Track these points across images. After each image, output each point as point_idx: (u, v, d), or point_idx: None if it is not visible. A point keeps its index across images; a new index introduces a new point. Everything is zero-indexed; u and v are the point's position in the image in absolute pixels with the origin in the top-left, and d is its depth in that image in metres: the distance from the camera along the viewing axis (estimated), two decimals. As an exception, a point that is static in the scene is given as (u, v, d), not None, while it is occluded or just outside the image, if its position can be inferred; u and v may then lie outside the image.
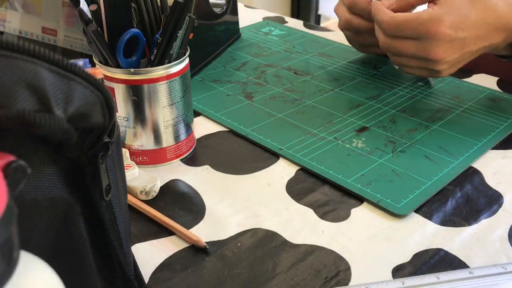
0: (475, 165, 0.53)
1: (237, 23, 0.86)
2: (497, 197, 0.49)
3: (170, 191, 0.51)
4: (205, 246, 0.43)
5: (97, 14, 0.49)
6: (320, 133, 0.59)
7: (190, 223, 0.46)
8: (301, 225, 0.46)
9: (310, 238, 0.44)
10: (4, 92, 0.20)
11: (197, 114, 0.64)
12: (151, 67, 0.50)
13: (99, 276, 0.30)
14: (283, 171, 0.53)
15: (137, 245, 0.44)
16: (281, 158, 0.56)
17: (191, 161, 0.56)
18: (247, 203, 0.49)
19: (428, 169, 0.52)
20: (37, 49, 0.22)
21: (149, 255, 0.43)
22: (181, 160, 0.56)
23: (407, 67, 0.63)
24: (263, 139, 0.58)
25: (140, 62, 0.52)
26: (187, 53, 0.53)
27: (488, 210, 0.47)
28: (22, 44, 0.21)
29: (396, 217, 0.47)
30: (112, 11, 0.48)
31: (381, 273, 0.41)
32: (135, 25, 0.52)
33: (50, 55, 0.22)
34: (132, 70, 0.49)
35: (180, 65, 0.52)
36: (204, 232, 0.45)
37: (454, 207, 0.48)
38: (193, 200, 0.49)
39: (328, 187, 0.51)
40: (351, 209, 0.48)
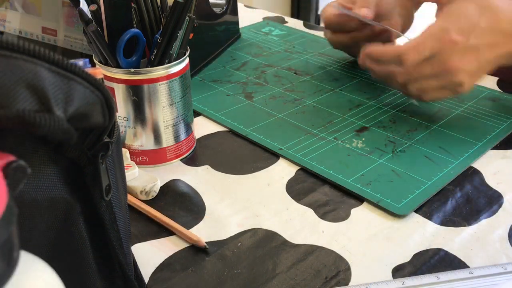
0: (475, 165, 0.53)
1: (237, 23, 0.86)
2: (497, 197, 0.49)
3: (170, 191, 0.51)
4: (205, 246, 0.43)
5: (97, 14, 0.49)
6: (320, 133, 0.59)
7: (190, 223, 0.46)
8: (301, 225, 0.46)
9: (310, 238, 0.44)
10: (4, 92, 0.20)
11: (197, 114, 0.64)
12: (151, 67, 0.50)
13: (99, 276, 0.30)
14: (283, 171, 0.53)
15: (137, 245, 0.44)
16: (281, 158, 0.56)
17: (191, 161, 0.56)
18: (247, 203, 0.49)
19: (428, 169, 0.52)
20: (37, 49, 0.22)
21: (149, 255, 0.43)
22: (181, 160, 0.56)
23: (430, 92, 0.59)
24: (263, 139, 0.58)
25: (140, 62, 0.52)
26: (187, 53, 0.53)
27: (488, 210, 0.47)
28: (22, 44, 0.21)
29: (396, 217, 0.47)
30: (112, 11, 0.48)
31: (381, 273, 0.41)
32: (135, 25, 0.52)
33: (50, 55, 0.22)
34: (132, 70, 0.50)
35: (180, 65, 0.52)
36: (204, 232, 0.45)
37: (454, 207, 0.48)
38: (193, 200, 0.49)
39: (328, 187, 0.51)
40: (351, 209, 0.48)
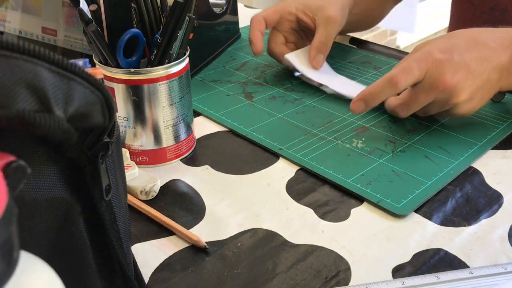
0: (475, 165, 0.53)
1: (237, 23, 0.86)
2: (497, 197, 0.49)
3: (170, 191, 0.51)
4: (205, 246, 0.43)
5: (97, 14, 0.49)
6: (320, 133, 0.59)
7: (190, 223, 0.46)
8: (301, 225, 0.46)
9: (310, 238, 0.44)
10: (4, 92, 0.20)
11: (197, 114, 0.64)
12: (151, 67, 0.50)
13: (99, 276, 0.30)
14: (283, 171, 0.53)
15: (137, 245, 0.44)
16: (281, 158, 0.56)
17: (191, 161, 0.56)
18: (247, 203, 0.49)
19: (428, 169, 0.52)
20: (37, 49, 0.22)
21: (149, 255, 0.43)
22: (181, 160, 0.56)
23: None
24: (263, 139, 0.58)
25: (140, 62, 0.52)
26: (187, 53, 0.53)
27: (488, 210, 0.47)
28: (22, 44, 0.21)
29: (396, 217, 0.47)
30: (112, 11, 0.48)
31: (381, 273, 0.41)
32: (135, 25, 0.52)
33: (50, 55, 0.22)
34: (132, 70, 0.50)
35: (180, 65, 0.52)
36: (204, 232, 0.45)
37: (454, 207, 0.48)
38: (193, 200, 0.49)
39: (328, 187, 0.51)
40: (351, 209, 0.48)
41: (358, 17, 0.80)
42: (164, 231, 0.46)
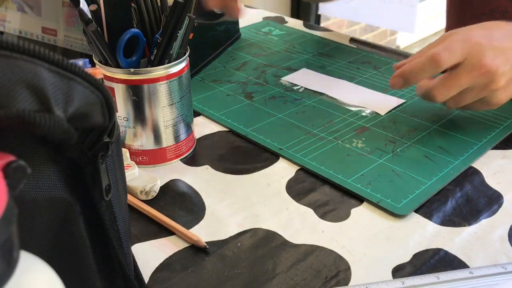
0: (475, 165, 0.53)
1: (237, 23, 0.86)
2: (497, 197, 0.49)
3: (170, 191, 0.51)
4: (205, 246, 0.43)
5: (97, 14, 0.49)
6: (320, 133, 0.59)
7: (190, 223, 0.46)
8: (301, 225, 0.46)
9: (310, 238, 0.44)
10: (4, 92, 0.20)
11: (197, 114, 0.64)
12: (151, 67, 0.50)
13: (99, 276, 0.30)
14: (283, 171, 0.53)
15: (137, 245, 0.44)
16: (281, 158, 0.56)
17: (191, 161, 0.56)
18: (247, 203, 0.49)
19: (428, 169, 0.52)
20: (37, 49, 0.22)
21: (149, 255, 0.43)
22: (181, 160, 0.56)
23: (466, 103, 0.57)
24: (263, 139, 0.58)
25: (140, 62, 0.52)
26: (187, 53, 0.53)
27: (488, 210, 0.47)
28: (22, 44, 0.21)
29: (396, 217, 0.47)
30: (112, 11, 0.48)
31: (381, 273, 0.41)
32: (135, 25, 0.52)
33: (50, 55, 0.22)
34: (132, 70, 0.49)
35: (180, 65, 0.52)
36: (204, 232, 0.45)
37: (454, 207, 0.48)
38: (193, 200, 0.49)
39: (328, 187, 0.51)
40: (351, 209, 0.48)
41: None
42: (164, 231, 0.46)
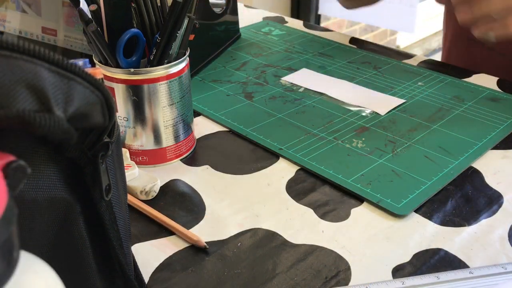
0: (475, 165, 0.53)
1: (237, 23, 0.86)
2: (497, 197, 0.49)
3: (170, 191, 0.51)
4: (205, 246, 0.43)
5: (97, 14, 0.49)
6: (320, 133, 0.59)
7: (190, 223, 0.46)
8: (301, 225, 0.46)
9: (310, 238, 0.44)
10: (4, 92, 0.20)
11: (197, 114, 0.64)
12: (150, 67, 0.50)
13: (99, 276, 0.30)
14: (283, 171, 0.53)
15: (137, 245, 0.44)
16: (281, 158, 0.56)
17: (191, 161, 0.56)
18: (247, 203, 0.49)
19: (428, 169, 0.52)
20: (37, 49, 0.22)
21: (149, 255, 0.43)
22: (181, 160, 0.56)
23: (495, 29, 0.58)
24: (263, 139, 0.58)
25: (140, 62, 0.52)
26: (187, 53, 0.53)
27: (488, 210, 0.47)
28: (22, 44, 0.21)
29: (396, 217, 0.47)
30: (112, 11, 0.48)
31: (381, 273, 0.41)
32: (135, 25, 0.52)
33: (50, 55, 0.22)
34: (132, 70, 0.49)
35: (180, 65, 0.52)
36: (204, 232, 0.45)
37: (454, 207, 0.48)
38: (193, 200, 0.49)
39: (328, 187, 0.51)
40: (351, 209, 0.48)
41: None
42: (164, 231, 0.46)
